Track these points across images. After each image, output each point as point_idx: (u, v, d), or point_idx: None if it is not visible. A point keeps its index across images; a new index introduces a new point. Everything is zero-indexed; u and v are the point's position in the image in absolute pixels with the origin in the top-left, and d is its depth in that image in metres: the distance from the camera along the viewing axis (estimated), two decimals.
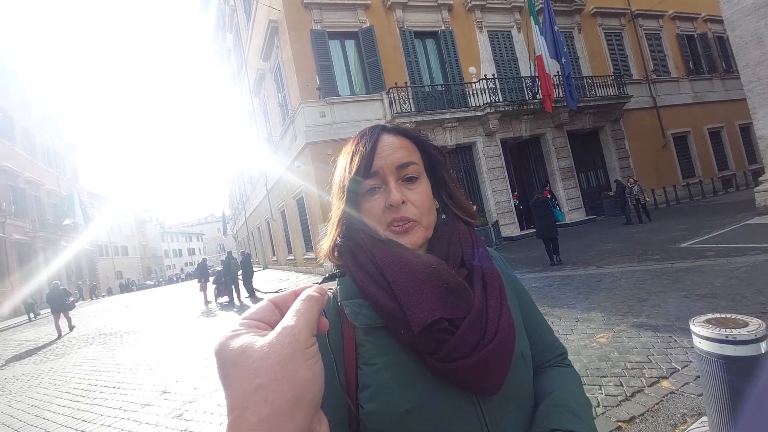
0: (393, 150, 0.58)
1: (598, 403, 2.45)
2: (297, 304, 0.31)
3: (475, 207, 0.69)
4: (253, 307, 0.33)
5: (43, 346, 9.04)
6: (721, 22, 12.29)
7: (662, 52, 17.38)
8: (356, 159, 0.57)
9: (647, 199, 10.79)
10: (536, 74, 12.23)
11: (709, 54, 18.54)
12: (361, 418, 0.50)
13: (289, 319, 0.30)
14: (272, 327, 0.31)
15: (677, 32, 17.87)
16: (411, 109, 11.62)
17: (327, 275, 0.54)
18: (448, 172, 0.66)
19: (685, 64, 17.73)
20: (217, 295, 11.19)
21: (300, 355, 0.27)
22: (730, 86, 17.87)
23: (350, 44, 12.04)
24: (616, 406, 2.37)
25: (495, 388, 0.51)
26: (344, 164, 0.60)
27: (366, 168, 0.56)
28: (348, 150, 0.61)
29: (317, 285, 0.35)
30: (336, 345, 0.53)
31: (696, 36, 18.39)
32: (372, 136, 0.59)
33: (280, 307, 0.33)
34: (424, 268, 0.53)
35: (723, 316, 1.64)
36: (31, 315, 16.48)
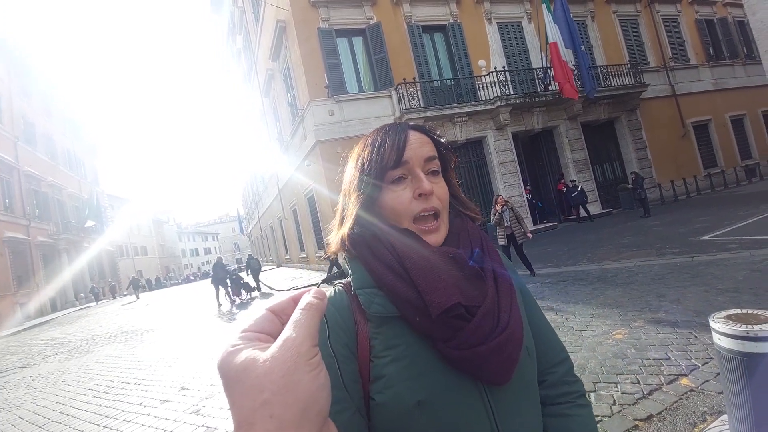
0: (421, 144, 0.60)
1: (614, 401, 2.40)
2: (297, 314, 0.31)
3: (476, 205, 0.72)
4: (252, 318, 0.33)
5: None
6: (741, 6, 11.80)
7: (681, 38, 16.78)
8: (385, 148, 0.58)
9: (529, 235, 6.47)
10: (549, 64, 11.96)
11: (729, 39, 17.82)
12: (372, 410, 0.51)
13: (290, 331, 0.29)
14: (273, 337, 0.31)
15: (696, 17, 17.23)
16: (420, 104, 11.53)
17: (326, 276, 0.54)
18: (453, 174, 0.69)
19: (704, 50, 17.08)
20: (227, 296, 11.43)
21: (303, 367, 0.27)
22: (752, 72, 17.16)
23: (358, 41, 12.01)
24: (633, 405, 2.31)
25: (505, 378, 0.53)
26: (367, 155, 0.60)
27: (398, 157, 0.58)
28: (368, 142, 0.62)
29: (316, 289, 0.35)
30: (347, 342, 0.54)
31: (716, 21, 17.69)
32: (401, 129, 0.61)
33: (279, 316, 0.33)
34: (441, 256, 0.55)
35: (744, 311, 1.59)
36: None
